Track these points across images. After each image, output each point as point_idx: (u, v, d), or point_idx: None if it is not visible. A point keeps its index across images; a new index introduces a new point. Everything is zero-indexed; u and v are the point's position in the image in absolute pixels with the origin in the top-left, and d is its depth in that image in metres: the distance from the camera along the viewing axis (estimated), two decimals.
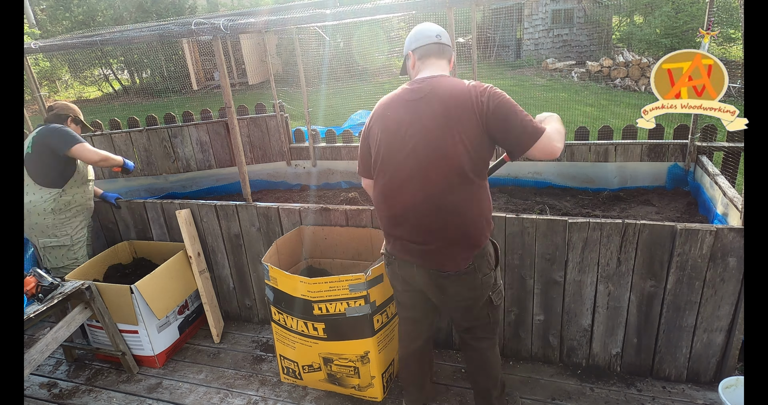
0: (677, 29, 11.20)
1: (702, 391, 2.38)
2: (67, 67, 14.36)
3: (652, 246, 2.23)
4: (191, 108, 9.75)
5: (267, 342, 3.06)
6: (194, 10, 13.97)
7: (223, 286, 3.23)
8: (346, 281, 2.27)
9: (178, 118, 4.30)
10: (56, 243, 2.94)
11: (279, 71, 13.16)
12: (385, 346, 2.46)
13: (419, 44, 1.87)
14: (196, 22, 2.64)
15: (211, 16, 3.08)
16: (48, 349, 2.49)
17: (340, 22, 2.62)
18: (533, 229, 2.37)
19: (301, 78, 4.03)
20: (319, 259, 2.93)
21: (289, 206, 2.84)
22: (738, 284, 2.18)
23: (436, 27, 1.90)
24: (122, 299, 2.74)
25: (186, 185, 4.43)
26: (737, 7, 10.12)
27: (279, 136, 4.26)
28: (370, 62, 11.58)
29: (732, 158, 3.06)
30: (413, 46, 1.89)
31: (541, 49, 14.43)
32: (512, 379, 2.56)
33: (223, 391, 2.68)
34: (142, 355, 2.91)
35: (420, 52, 1.88)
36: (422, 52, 1.87)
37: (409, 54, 1.91)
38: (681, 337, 2.36)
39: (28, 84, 3.33)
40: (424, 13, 2.60)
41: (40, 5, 15.42)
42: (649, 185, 3.45)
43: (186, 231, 2.98)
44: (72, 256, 3.00)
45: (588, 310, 2.45)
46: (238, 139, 2.87)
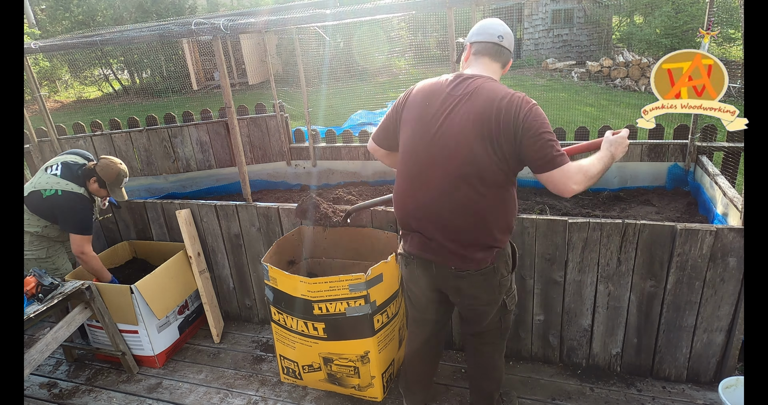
0: (677, 29, 11.20)
1: (702, 391, 2.38)
2: (67, 67, 14.35)
3: (652, 246, 2.23)
4: (191, 108, 9.74)
5: (267, 342, 3.06)
6: (194, 10, 13.97)
7: (223, 286, 3.23)
8: (346, 281, 2.27)
9: (178, 118, 4.30)
10: (32, 256, 2.86)
11: (279, 71, 13.16)
12: (386, 346, 2.46)
13: (479, 39, 1.82)
14: (196, 22, 2.64)
15: (211, 16, 3.08)
16: (48, 349, 2.49)
17: (340, 22, 2.62)
18: (533, 229, 2.37)
19: (301, 78, 4.03)
20: (319, 259, 2.93)
21: (289, 206, 2.84)
22: (738, 284, 2.18)
23: (503, 27, 1.84)
24: (122, 299, 2.74)
25: (186, 185, 4.43)
26: (737, 7, 10.12)
27: (279, 136, 4.26)
28: (370, 62, 11.57)
29: (732, 158, 3.06)
30: (473, 39, 1.84)
31: (541, 49, 14.43)
32: (512, 379, 2.56)
33: (223, 391, 2.67)
34: (142, 355, 2.91)
35: (477, 48, 1.83)
36: (479, 48, 1.82)
37: (467, 45, 1.87)
38: (681, 337, 2.36)
39: (28, 84, 3.33)
40: (425, 13, 2.60)
41: (40, 5, 15.42)
42: (649, 185, 3.45)
43: (186, 231, 2.98)
44: (51, 266, 2.93)
45: (588, 310, 2.45)
46: (238, 139, 2.87)
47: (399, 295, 2.52)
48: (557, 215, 3.16)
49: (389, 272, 2.36)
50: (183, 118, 4.26)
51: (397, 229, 2.61)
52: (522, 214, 2.39)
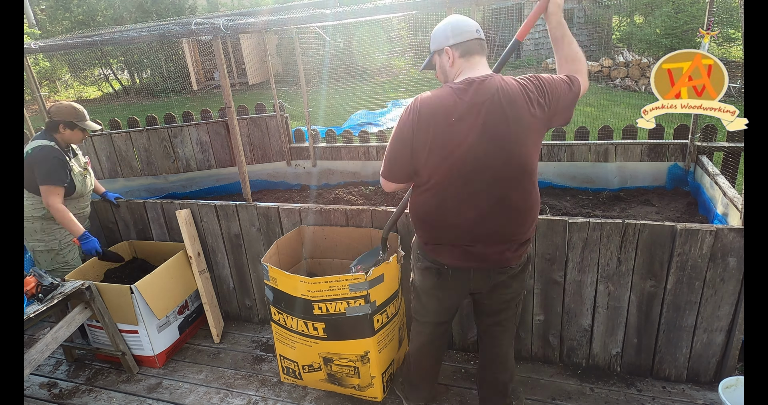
0: (677, 29, 11.19)
1: (702, 391, 2.38)
2: (67, 67, 14.35)
3: (652, 246, 2.23)
4: (191, 108, 9.75)
5: (267, 342, 3.06)
6: (194, 10, 13.97)
7: (223, 286, 3.22)
8: (347, 281, 2.27)
9: (178, 118, 4.30)
10: (44, 247, 2.91)
11: (279, 71, 13.16)
12: (385, 345, 2.46)
13: (460, 39, 1.73)
14: (196, 22, 2.64)
15: (211, 16, 3.08)
16: (48, 349, 2.49)
17: (340, 22, 2.62)
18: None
19: (301, 78, 4.03)
20: (320, 259, 2.93)
21: (289, 206, 2.84)
22: (738, 284, 2.18)
23: (472, 20, 1.78)
24: (122, 299, 2.74)
25: (186, 185, 4.43)
26: (737, 7, 10.11)
27: (279, 136, 4.26)
28: (370, 62, 11.58)
29: (732, 158, 3.06)
30: (452, 42, 1.74)
31: (541, 49, 14.43)
32: None
33: (223, 391, 2.67)
34: (142, 355, 2.91)
35: (462, 49, 1.73)
36: (465, 49, 1.73)
37: (446, 50, 1.75)
38: (681, 337, 2.36)
39: (28, 84, 3.32)
40: (425, 13, 2.60)
41: (40, 5, 15.42)
42: (649, 185, 3.44)
43: (186, 231, 2.98)
44: (61, 260, 2.97)
45: (588, 310, 2.45)
46: (238, 139, 2.87)
47: (399, 295, 2.52)
48: (557, 215, 3.16)
49: (390, 272, 2.36)
50: (183, 118, 4.26)
51: (398, 230, 2.61)
52: None
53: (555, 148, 3.54)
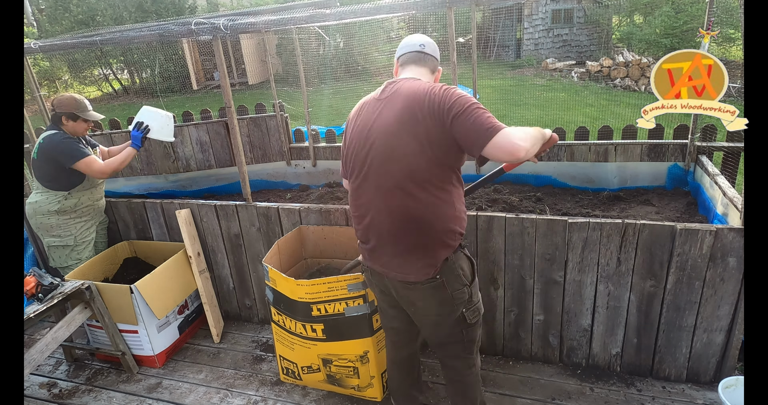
0: (677, 29, 11.19)
1: (702, 391, 2.38)
2: (67, 67, 14.35)
3: (652, 246, 2.23)
4: (191, 108, 9.75)
5: (267, 342, 3.06)
6: (194, 10, 13.96)
7: (223, 286, 3.23)
8: (345, 281, 2.27)
9: (177, 118, 4.30)
10: (59, 243, 2.95)
11: (279, 71, 13.15)
12: (384, 345, 2.46)
13: (402, 52, 1.92)
14: (196, 22, 2.64)
15: (211, 16, 3.07)
16: (48, 349, 2.49)
17: (340, 22, 2.62)
18: (533, 229, 2.37)
19: (301, 78, 4.03)
20: (319, 259, 2.93)
21: (289, 206, 2.84)
22: (738, 284, 2.18)
23: (423, 38, 1.93)
24: (122, 299, 2.74)
25: (186, 185, 4.43)
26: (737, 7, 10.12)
27: (279, 136, 4.26)
28: (370, 62, 11.59)
29: (732, 158, 3.06)
30: (397, 54, 1.95)
31: (541, 49, 14.43)
32: (512, 379, 2.56)
33: (223, 391, 2.67)
34: (141, 355, 2.91)
35: (402, 59, 1.92)
36: (404, 59, 1.92)
37: (395, 62, 1.97)
38: (681, 337, 2.36)
39: (28, 84, 3.32)
40: (425, 13, 2.61)
41: (40, 5, 15.41)
42: (649, 185, 3.44)
43: (186, 231, 2.98)
44: (76, 256, 3.00)
45: (588, 310, 2.45)
46: (238, 139, 2.87)
47: None
48: (557, 215, 3.16)
49: None
50: (183, 118, 4.26)
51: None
52: (522, 214, 2.39)
53: (555, 148, 3.54)
